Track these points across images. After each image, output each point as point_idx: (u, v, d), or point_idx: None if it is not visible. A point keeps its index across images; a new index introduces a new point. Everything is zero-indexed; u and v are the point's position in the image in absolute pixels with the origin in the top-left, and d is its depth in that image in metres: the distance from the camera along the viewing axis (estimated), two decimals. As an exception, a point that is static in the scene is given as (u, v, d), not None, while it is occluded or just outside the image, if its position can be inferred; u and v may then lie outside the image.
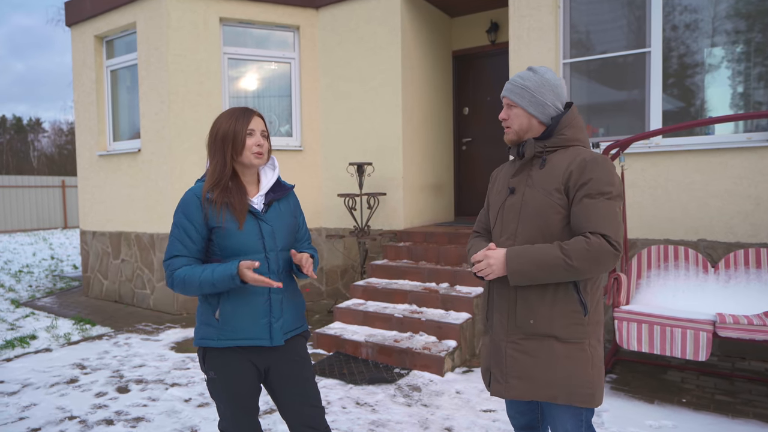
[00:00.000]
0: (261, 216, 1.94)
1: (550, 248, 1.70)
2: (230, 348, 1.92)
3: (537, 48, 5.14)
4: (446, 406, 3.48)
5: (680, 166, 4.50)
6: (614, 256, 1.67)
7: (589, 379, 1.77)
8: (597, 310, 1.82)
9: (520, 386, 1.82)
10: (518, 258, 1.73)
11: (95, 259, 7.32)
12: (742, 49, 4.44)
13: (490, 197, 2.05)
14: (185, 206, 1.89)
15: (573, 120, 1.83)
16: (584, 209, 1.70)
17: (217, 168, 1.90)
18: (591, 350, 1.78)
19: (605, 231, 1.67)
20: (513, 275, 1.74)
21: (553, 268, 1.68)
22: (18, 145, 40.00)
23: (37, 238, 16.13)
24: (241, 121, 1.91)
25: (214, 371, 1.94)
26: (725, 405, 3.41)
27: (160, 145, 6.27)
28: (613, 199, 1.71)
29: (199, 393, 3.75)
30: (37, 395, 3.74)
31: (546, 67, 1.89)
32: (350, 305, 5.04)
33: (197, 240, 1.89)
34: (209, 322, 1.92)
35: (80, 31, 7.28)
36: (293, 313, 2.04)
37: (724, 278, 3.94)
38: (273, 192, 2.01)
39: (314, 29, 6.75)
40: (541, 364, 1.79)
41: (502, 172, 2.04)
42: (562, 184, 1.75)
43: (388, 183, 6.29)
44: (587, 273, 1.68)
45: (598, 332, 1.82)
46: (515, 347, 1.83)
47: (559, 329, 1.77)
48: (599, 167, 1.71)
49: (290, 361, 2.03)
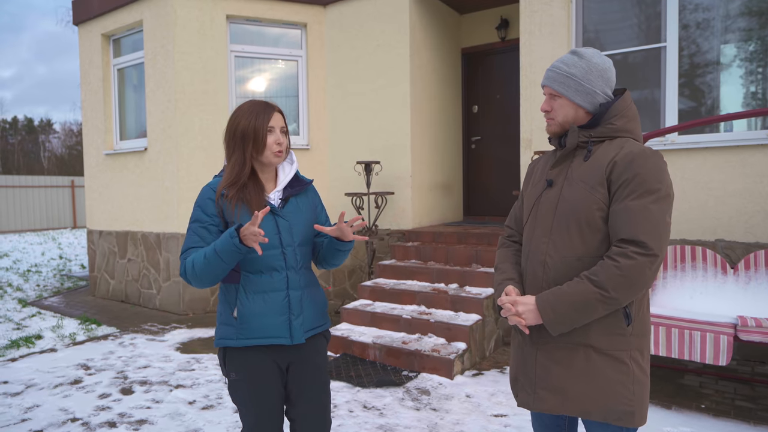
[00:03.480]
0: (278, 211, 1.90)
1: (580, 285, 1.52)
2: (250, 347, 1.86)
3: (549, 44, 5.03)
4: (456, 411, 3.38)
5: (697, 164, 4.37)
6: (652, 270, 1.47)
7: (628, 396, 1.57)
8: (642, 320, 1.62)
9: (550, 399, 1.65)
10: (553, 308, 1.55)
11: (102, 259, 7.29)
12: (756, 47, 4.30)
13: (525, 190, 1.86)
14: (202, 201, 1.87)
15: (625, 108, 1.63)
16: (625, 209, 1.51)
17: (236, 166, 1.85)
18: (633, 363, 1.59)
19: (643, 237, 1.47)
20: (552, 325, 1.56)
21: (593, 306, 1.50)
22: (29, 145, 40.35)
23: (46, 238, 16.20)
24: (261, 117, 1.85)
25: (235, 372, 1.88)
26: (746, 411, 3.29)
27: (166, 143, 6.23)
28: (661, 200, 1.50)
29: (204, 395, 3.68)
30: (41, 396, 3.69)
31: (592, 49, 1.68)
32: (358, 306, 4.95)
33: (214, 233, 1.85)
34: (228, 322, 1.87)
35: (87, 30, 7.26)
36: (314, 310, 1.97)
37: (743, 279, 3.81)
38: (291, 187, 1.97)
39: (322, 26, 6.67)
40: (575, 376, 1.60)
41: (540, 163, 1.84)
42: (605, 178, 1.56)
43: (396, 182, 6.20)
44: (629, 298, 1.51)
45: (643, 344, 1.62)
46: (547, 355, 1.65)
47: (597, 338, 1.58)
48: (649, 162, 1.52)
49: (309, 362, 1.97)
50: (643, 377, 1.62)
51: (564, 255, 1.62)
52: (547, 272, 1.65)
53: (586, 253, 1.59)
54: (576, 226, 1.60)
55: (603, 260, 1.52)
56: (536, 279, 1.68)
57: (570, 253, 1.61)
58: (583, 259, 1.59)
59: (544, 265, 1.66)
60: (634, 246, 1.48)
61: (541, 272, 1.66)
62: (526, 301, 1.61)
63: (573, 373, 1.61)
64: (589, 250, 1.59)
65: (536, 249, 1.69)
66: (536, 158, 1.92)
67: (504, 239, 1.94)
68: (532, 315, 1.60)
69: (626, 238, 1.50)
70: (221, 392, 3.72)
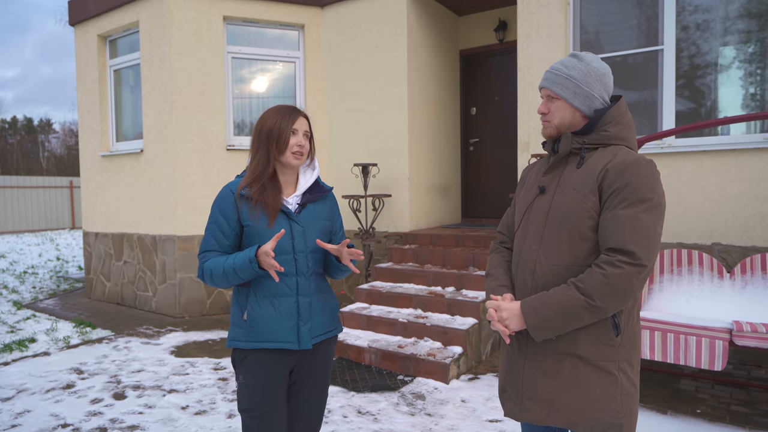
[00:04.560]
0: (293, 216, 1.92)
1: (566, 291, 1.50)
2: (259, 350, 1.89)
3: (546, 46, 5.01)
4: (451, 416, 3.36)
5: (694, 167, 4.35)
6: (639, 280, 1.44)
7: (616, 408, 1.54)
8: (632, 331, 1.59)
9: (537, 409, 1.62)
10: (537, 312, 1.53)
11: (98, 261, 7.26)
12: (755, 48, 4.29)
13: (518, 196, 1.83)
14: (220, 201, 1.90)
15: (620, 116, 1.61)
16: (615, 218, 1.48)
17: (259, 164, 1.90)
18: (621, 375, 1.56)
19: (632, 246, 1.44)
20: (535, 331, 1.54)
21: (578, 313, 1.48)
22: (28, 145, 40.29)
23: (44, 239, 16.17)
24: (287, 119, 1.90)
25: (243, 375, 1.91)
26: (742, 416, 3.27)
27: (162, 145, 6.20)
28: (652, 210, 1.47)
29: (197, 400, 3.65)
30: (32, 401, 3.66)
31: (592, 54, 1.67)
32: (354, 309, 4.93)
33: (230, 236, 1.90)
34: (239, 324, 1.91)
35: (84, 30, 7.23)
36: (324, 316, 1.99)
37: (740, 284, 3.79)
38: (310, 193, 2.00)
39: (319, 28, 6.65)
40: (562, 386, 1.57)
41: (533, 169, 1.82)
42: (596, 185, 1.54)
43: (393, 184, 6.18)
44: (615, 308, 1.49)
45: (632, 355, 1.59)
46: (534, 365, 1.62)
47: (585, 348, 1.55)
48: (641, 170, 1.49)
49: (314, 369, 2.01)
50: (632, 389, 1.59)
51: (553, 263, 1.60)
52: (536, 280, 1.63)
53: (575, 262, 1.57)
54: (566, 234, 1.57)
55: (590, 268, 1.50)
56: (525, 287, 1.66)
57: (559, 261, 1.59)
58: (571, 267, 1.57)
59: (533, 273, 1.64)
60: (622, 255, 1.45)
61: (531, 280, 1.64)
62: (510, 307, 1.60)
63: (560, 384, 1.58)
64: (577, 259, 1.57)
65: (527, 257, 1.67)
66: (530, 164, 1.90)
67: (496, 245, 1.92)
68: (516, 320, 1.58)
69: (615, 247, 1.47)
70: (215, 397, 3.70)
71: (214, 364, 4.42)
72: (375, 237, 5.93)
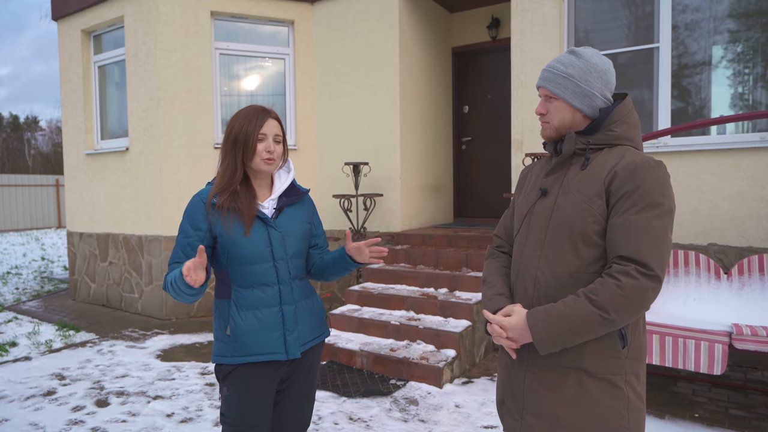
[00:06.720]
0: (270, 222, 1.83)
1: (578, 304, 1.39)
2: (245, 364, 1.80)
3: (540, 44, 4.94)
4: (445, 422, 3.27)
5: (690, 166, 4.30)
6: (655, 292, 1.35)
7: (623, 423, 1.46)
8: (638, 342, 1.51)
9: (539, 425, 1.52)
10: (546, 327, 1.42)
11: (82, 262, 7.09)
12: (749, 47, 4.23)
13: (518, 199, 1.74)
14: (190, 212, 1.80)
15: (627, 114, 1.52)
16: (626, 224, 1.39)
17: (227, 171, 1.80)
18: (628, 388, 1.47)
19: (646, 256, 1.35)
20: (542, 344, 1.43)
21: (590, 328, 1.38)
22: (14, 143, 39.68)
23: (29, 238, 15.88)
24: (254, 123, 1.79)
25: (228, 388, 1.82)
26: (740, 420, 3.21)
27: (148, 143, 6.05)
28: (664, 215, 1.39)
29: (183, 407, 3.53)
30: (10, 409, 3.52)
31: (591, 49, 1.58)
32: (345, 311, 4.83)
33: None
34: (222, 339, 1.81)
35: (67, 26, 7.05)
36: (310, 322, 1.91)
37: (737, 285, 3.74)
38: (286, 196, 1.91)
39: (309, 24, 6.53)
40: (567, 401, 1.48)
41: (533, 170, 1.72)
42: (604, 189, 1.44)
43: (385, 183, 6.08)
44: (628, 321, 1.40)
45: (639, 368, 1.51)
46: (536, 379, 1.53)
47: (591, 361, 1.46)
48: (652, 173, 1.40)
49: (302, 377, 1.94)
50: (639, 403, 1.50)
51: (556, 270, 1.50)
52: (538, 288, 1.53)
53: (579, 269, 1.47)
54: (570, 239, 1.48)
55: (602, 278, 1.40)
56: (527, 295, 1.56)
57: (563, 268, 1.49)
58: (575, 275, 1.47)
59: (535, 281, 1.53)
60: (636, 265, 1.36)
61: (532, 288, 1.54)
62: (516, 326, 1.48)
63: (564, 399, 1.49)
64: (582, 266, 1.47)
65: (527, 263, 1.57)
66: (530, 164, 1.81)
67: (493, 249, 1.82)
68: (521, 336, 1.48)
69: (627, 256, 1.38)
70: (201, 404, 3.58)
71: (201, 368, 4.30)
72: (366, 237, 5.83)
